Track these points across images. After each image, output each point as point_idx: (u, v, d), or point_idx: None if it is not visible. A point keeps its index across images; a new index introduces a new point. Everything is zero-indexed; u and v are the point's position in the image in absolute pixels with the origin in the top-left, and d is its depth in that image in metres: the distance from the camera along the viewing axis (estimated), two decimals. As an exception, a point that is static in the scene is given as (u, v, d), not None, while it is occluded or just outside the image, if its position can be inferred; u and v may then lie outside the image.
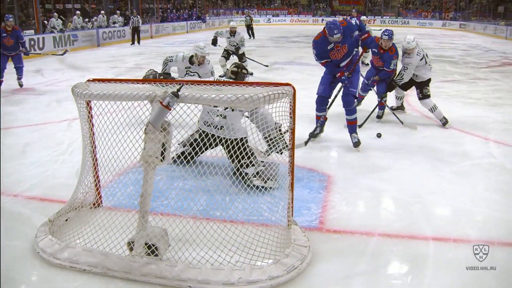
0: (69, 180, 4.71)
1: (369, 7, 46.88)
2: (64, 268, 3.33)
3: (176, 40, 25.70)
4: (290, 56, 16.76)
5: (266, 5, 49.38)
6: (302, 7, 47.64)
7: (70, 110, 7.40)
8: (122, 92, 3.43)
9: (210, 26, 35.73)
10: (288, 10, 48.08)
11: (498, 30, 29.81)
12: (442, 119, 7.26)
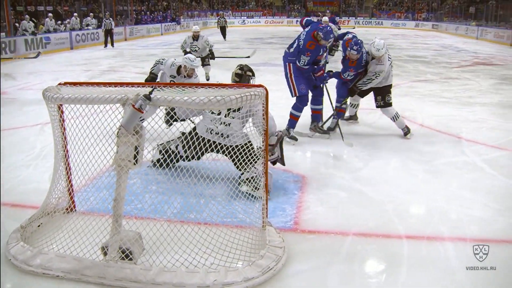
0: (42, 185, 4.64)
1: (343, 8, 47.32)
2: (36, 275, 3.28)
3: (151, 43, 25.57)
4: (265, 57, 16.76)
5: (240, 7, 49.53)
6: (277, 8, 47.86)
7: (42, 114, 7.28)
8: (94, 96, 3.39)
9: (184, 28, 35.61)
10: (262, 11, 48.27)
11: (469, 30, 30.36)
12: (404, 128, 6.70)
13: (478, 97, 10.08)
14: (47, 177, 4.92)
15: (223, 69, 12.66)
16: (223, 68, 12.67)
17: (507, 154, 6.12)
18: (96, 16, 25.64)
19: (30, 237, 3.71)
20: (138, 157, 3.34)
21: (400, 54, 19.09)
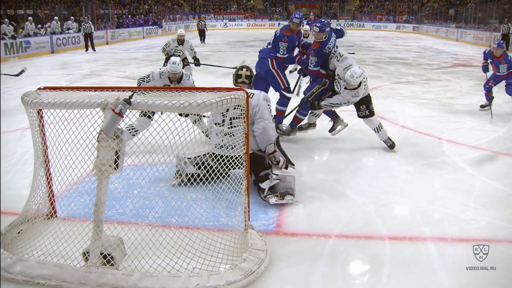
0: (22, 191, 4.58)
1: (324, 10, 47.51)
2: (17, 282, 3.23)
3: (132, 46, 25.44)
4: (247, 60, 16.70)
5: (222, 10, 49.51)
6: (259, 11, 47.92)
7: (22, 119, 7.14)
8: (74, 100, 3.37)
9: (166, 31, 35.53)
10: (244, 14, 48.30)
11: (449, 32, 30.73)
12: (387, 140, 6.27)
13: (459, 98, 10.20)
14: (27, 183, 4.85)
15: (204, 72, 12.61)
16: (205, 72, 12.62)
17: (487, 155, 6.20)
18: (77, 19, 25.41)
19: (10, 244, 3.66)
20: (119, 162, 3.32)
21: (382, 56, 19.25)
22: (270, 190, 4.47)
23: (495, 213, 4.39)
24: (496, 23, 27.55)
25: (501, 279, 3.40)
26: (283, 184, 4.50)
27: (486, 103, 8.78)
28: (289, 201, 4.41)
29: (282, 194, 4.44)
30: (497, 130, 7.34)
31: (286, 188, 4.49)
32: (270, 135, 4.65)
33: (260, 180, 4.55)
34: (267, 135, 4.62)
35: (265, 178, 4.52)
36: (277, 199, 4.41)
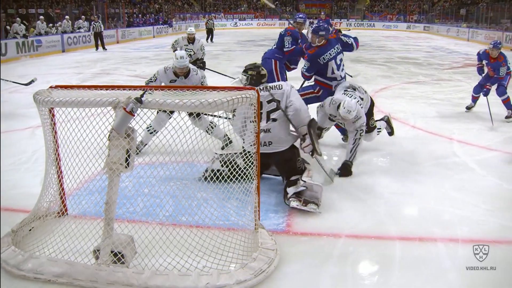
0: (33, 189, 4.61)
1: (335, 10, 47.41)
2: (28, 279, 3.27)
3: (142, 45, 25.52)
4: (257, 60, 16.66)
5: (232, 9, 49.51)
6: (269, 10, 47.81)
7: (33, 117, 7.23)
8: (85, 99, 3.38)
9: (176, 30, 35.60)
10: (254, 14, 48.27)
11: (461, 32, 30.53)
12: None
13: (469, 98, 10.09)
14: (38, 181, 4.89)
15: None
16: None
17: (498, 155, 6.15)
18: (87, 18, 25.50)
19: (21, 241, 3.70)
20: (130, 160, 3.33)
21: (392, 55, 19.18)
22: (295, 194, 4.36)
23: (506, 214, 4.37)
24: (508, 22, 27.36)
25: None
26: (309, 192, 4.37)
27: (471, 104, 8.70)
28: (311, 210, 4.26)
29: (306, 201, 4.32)
30: (509, 131, 7.29)
31: (313, 197, 4.36)
32: (303, 116, 4.69)
33: (289, 184, 4.48)
34: (300, 116, 4.68)
35: (294, 183, 4.43)
36: (299, 204, 4.30)
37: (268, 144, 4.63)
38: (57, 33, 22.44)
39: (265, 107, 4.67)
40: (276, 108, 4.68)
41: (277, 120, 4.66)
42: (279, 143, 4.64)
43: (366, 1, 48.75)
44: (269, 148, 4.63)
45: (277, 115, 4.67)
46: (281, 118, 4.67)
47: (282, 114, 4.68)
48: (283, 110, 4.69)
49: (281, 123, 4.68)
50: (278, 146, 4.63)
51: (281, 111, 4.67)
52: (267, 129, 4.62)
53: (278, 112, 4.67)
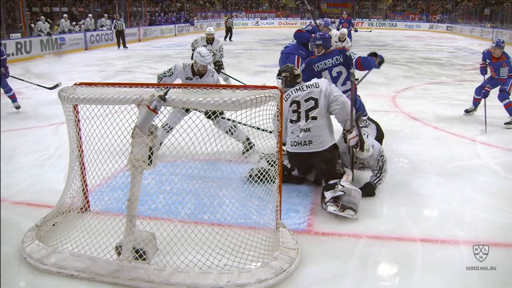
0: (57, 185, 4.67)
1: (356, 9, 47.15)
2: (51, 273, 3.31)
3: (164, 43, 25.66)
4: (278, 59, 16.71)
5: (254, 8, 49.52)
6: (290, 9, 47.77)
7: (57, 114, 7.36)
8: (109, 96, 3.42)
9: (198, 29, 35.69)
10: (276, 13, 48.25)
11: (484, 32, 30.12)
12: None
13: (493, 99, 9.97)
14: (61, 176, 4.95)
15: (236, 70, 12.63)
16: (236, 70, 12.64)
17: (522, 158, 6.06)
18: (110, 17, 25.73)
19: (45, 236, 3.75)
20: (153, 158, 3.35)
21: (414, 56, 19.02)
22: (333, 199, 4.23)
23: (531, 217, 4.30)
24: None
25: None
26: (347, 197, 4.23)
27: (471, 107, 8.36)
28: (348, 216, 4.11)
29: (344, 207, 4.17)
30: (533, 133, 7.17)
31: (351, 203, 4.21)
32: (348, 110, 4.59)
33: (326, 188, 4.38)
34: (345, 109, 4.61)
35: (332, 187, 4.32)
36: (336, 209, 4.14)
37: (308, 143, 4.56)
38: (80, 31, 22.70)
39: (303, 106, 4.63)
40: (314, 106, 4.61)
41: (317, 118, 4.57)
42: (319, 142, 4.55)
43: (388, 1, 48.40)
44: (309, 148, 4.56)
45: (316, 113, 4.58)
46: (321, 116, 4.58)
47: (322, 112, 4.59)
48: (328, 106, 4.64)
49: (322, 121, 4.58)
50: (319, 145, 4.55)
51: (321, 109, 4.59)
52: (307, 128, 4.56)
53: (317, 110, 4.59)
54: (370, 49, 6.58)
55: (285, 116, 4.64)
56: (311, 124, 4.56)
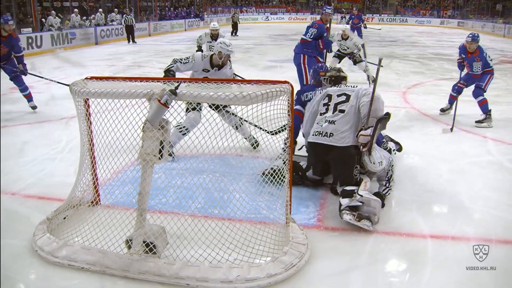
0: (67, 179, 4.70)
1: (367, 5, 46.94)
2: (62, 266, 3.33)
3: (174, 38, 25.69)
4: (289, 54, 16.64)
5: (264, 3, 49.43)
6: (300, 5, 47.65)
7: (68, 108, 7.39)
8: (120, 90, 3.42)
9: (208, 24, 35.56)
10: (286, 8, 48.13)
11: (496, 28, 29.88)
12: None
13: (505, 96, 9.93)
14: (72, 170, 4.97)
15: (246, 65, 12.62)
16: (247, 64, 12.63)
17: (534, 155, 6.01)
18: (120, 11, 25.81)
19: (56, 229, 3.77)
20: (163, 152, 3.35)
21: (425, 52, 18.90)
22: (349, 207, 3.97)
23: (543, 215, 4.27)
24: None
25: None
26: (366, 208, 3.96)
27: (447, 106, 8.09)
28: (364, 226, 3.87)
29: (360, 216, 3.92)
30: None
31: (369, 212, 3.95)
32: (377, 106, 4.31)
33: (343, 194, 4.11)
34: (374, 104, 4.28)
35: (349, 195, 4.05)
36: (352, 218, 3.90)
37: (329, 135, 4.35)
38: (91, 25, 22.77)
39: (334, 100, 4.54)
40: (345, 101, 4.49)
41: (344, 112, 4.41)
42: (341, 137, 4.32)
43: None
44: (329, 140, 4.33)
45: (345, 107, 4.44)
46: (349, 112, 4.40)
47: (351, 109, 4.40)
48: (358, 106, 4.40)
49: (348, 117, 4.39)
50: (339, 140, 4.31)
51: (351, 106, 4.41)
52: (332, 121, 4.40)
53: (347, 105, 4.44)
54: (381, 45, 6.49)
55: (314, 110, 4.72)
56: (337, 117, 4.40)
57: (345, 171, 4.31)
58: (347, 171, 4.29)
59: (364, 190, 4.09)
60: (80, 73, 11.64)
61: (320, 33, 7.62)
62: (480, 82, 7.40)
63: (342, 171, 4.33)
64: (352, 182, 4.23)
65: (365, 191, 4.08)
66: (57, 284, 3.20)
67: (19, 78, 7.85)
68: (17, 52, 7.84)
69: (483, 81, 7.39)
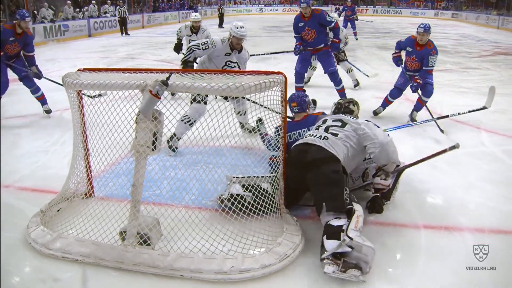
0: (61, 171, 4.67)
1: (361, -4, 46.81)
2: (56, 258, 3.33)
3: (168, 30, 25.56)
4: (283, 45, 16.60)
5: (258, -5, 49.22)
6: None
7: (61, 100, 7.31)
8: (113, 82, 3.40)
9: (202, 15, 35.45)
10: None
11: (490, 19, 29.89)
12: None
13: (499, 87, 9.86)
14: (66, 162, 4.95)
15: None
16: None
17: (528, 146, 6.03)
18: (113, 3, 25.64)
19: (49, 222, 3.76)
20: (157, 143, 3.35)
21: (419, 43, 18.85)
22: (333, 256, 3.15)
23: (536, 205, 4.29)
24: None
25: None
26: (356, 254, 3.13)
27: (379, 109, 7.37)
28: (352, 278, 3.05)
29: (347, 265, 3.09)
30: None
31: (359, 259, 3.13)
32: (390, 152, 3.84)
33: (327, 231, 3.29)
34: (387, 151, 3.81)
35: (336, 234, 3.23)
36: (336, 270, 3.06)
37: (324, 138, 3.85)
38: (84, 18, 22.63)
39: (328, 123, 4.06)
40: (340, 126, 3.97)
41: (337, 136, 3.86)
42: (331, 145, 3.76)
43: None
44: (318, 141, 3.81)
45: (338, 131, 3.91)
46: (342, 137, 3.87)
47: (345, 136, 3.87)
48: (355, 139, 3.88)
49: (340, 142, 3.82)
50: (329, 147, 3.74)
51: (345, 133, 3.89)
52: (324, 136, 3.86)
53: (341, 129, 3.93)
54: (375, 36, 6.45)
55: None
56: (328, 136, 3.87)
57: (332, 189, 3.50)
58: (335, 190, 3.48)
59: (355, 229, 3.23)
60: (73, 65, 11.58)
61: (293, 26, 7.71)
62: (429, 78, 6.72)
63: (329, 190, 3.50)
64: (343, 208, 3.40)
65: (357, 231, 3.23)
66: (51, 276, 3.19)
67: (30, 78, 7.24)
68: (29, 52, 7.18)
69: (431, 78, 6.76)
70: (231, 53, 5.74)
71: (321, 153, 3.70)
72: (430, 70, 6.68)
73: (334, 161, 3.66)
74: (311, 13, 7.38)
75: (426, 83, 6.68)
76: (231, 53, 5.74)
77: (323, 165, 3.62)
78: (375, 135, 3.80)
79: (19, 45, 7.01)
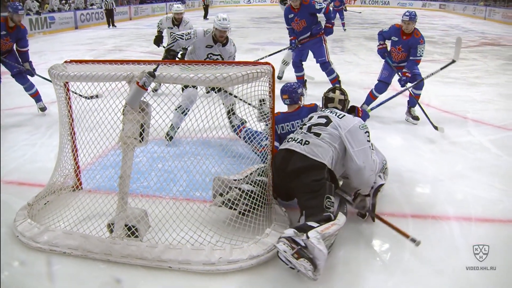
0: (48, 164, 4.64)
1: (349, -13, 46.69)
2: (43, 251, 3.31)
3: (156, 22, 25.30)
4: (270, 36, 16.70)
5: (246, -14, 48.92)
6: (283, -12, 47.21)
7: (48, 93, 7.26)
8: (100, 73, 3.38)
9: (189, 7, 35.34)
10: (268, -10, 47.68)
11: (477, 10, 30.01)
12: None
13: (485, 77, 10.01)
14: (53, 155, 4.92)
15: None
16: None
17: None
18: (100, -6, 25.45)
19: (37, 215, 3.74)
20: (144, 135, 3.34)
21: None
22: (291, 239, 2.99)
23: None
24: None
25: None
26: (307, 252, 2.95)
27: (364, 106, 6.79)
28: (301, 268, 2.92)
29: (302, 254, 2.91)
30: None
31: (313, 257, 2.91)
32: (365, 177, 3.68)
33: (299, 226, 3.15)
34: (362, 176, 3.67)
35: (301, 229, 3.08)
36: (287, 251, 2.93)
37: (303, 143, 3.65)
38: (70, 9, 22.42)
39: (313, 121, 3.86)
40: (324, 124, 3.75)
41: (319, 136, 3.67)
42: (317, 150, 3.57)
43: (381, -22, 48.01)
44: (303, 149, 3.60)
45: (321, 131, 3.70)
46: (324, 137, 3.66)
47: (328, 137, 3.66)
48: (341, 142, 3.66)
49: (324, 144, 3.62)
50: (314, 154, 3.56)
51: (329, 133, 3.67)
52: (306, 141, 3.65)
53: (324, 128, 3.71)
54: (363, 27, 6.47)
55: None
56: (310, 139, 3.67)
57: (311, 201, 3.40)
58: (314, 202, 3.38)
59: (320, 233, 3.03)
60: (60, 58, 11.47)
61: (284, 18, 7.93)
62: (416, 70, 6.45)
63: (308, 201, 3.42)
64: (321, 213, 3.29)
65: (321, 234, 3.03)
66: (38, 270, 3.18)
67: (23, 74, 6.96)
68: (23, 47, 6.87)
69: (418, 70, 6.48)
70: (213, 46, 5.59)
71: (303, 161, 3.54)
72: (418, 60, 6.38)
73: (316, 169, 3.50)
74: (300, 4, 7.55)
75: (415, 74, 6.39)
76: (213, 46, 5.59)
77: (303, 174, 3.49)
78: (356, 155, 3.61)
79: (11, 39, 6.73)
